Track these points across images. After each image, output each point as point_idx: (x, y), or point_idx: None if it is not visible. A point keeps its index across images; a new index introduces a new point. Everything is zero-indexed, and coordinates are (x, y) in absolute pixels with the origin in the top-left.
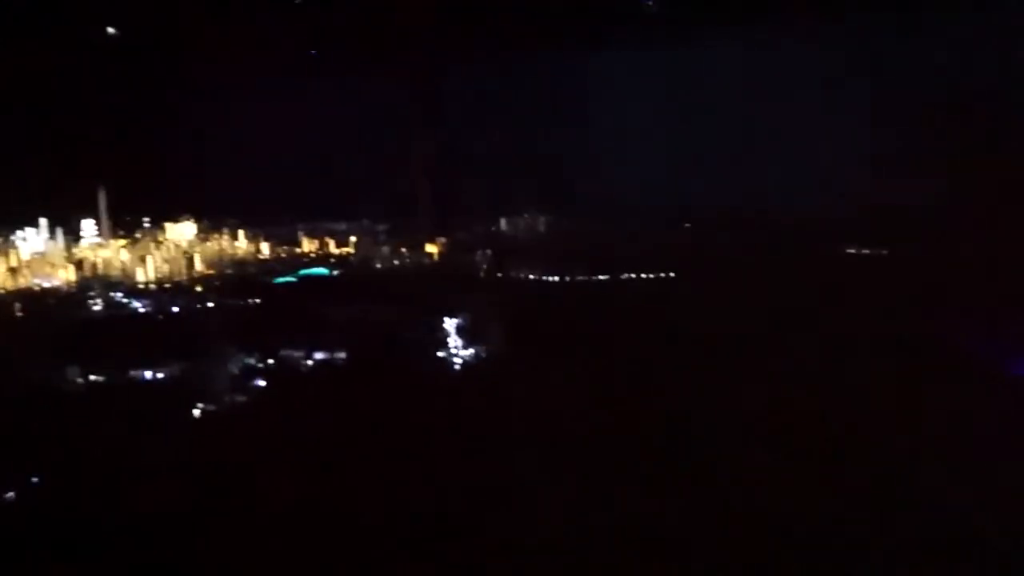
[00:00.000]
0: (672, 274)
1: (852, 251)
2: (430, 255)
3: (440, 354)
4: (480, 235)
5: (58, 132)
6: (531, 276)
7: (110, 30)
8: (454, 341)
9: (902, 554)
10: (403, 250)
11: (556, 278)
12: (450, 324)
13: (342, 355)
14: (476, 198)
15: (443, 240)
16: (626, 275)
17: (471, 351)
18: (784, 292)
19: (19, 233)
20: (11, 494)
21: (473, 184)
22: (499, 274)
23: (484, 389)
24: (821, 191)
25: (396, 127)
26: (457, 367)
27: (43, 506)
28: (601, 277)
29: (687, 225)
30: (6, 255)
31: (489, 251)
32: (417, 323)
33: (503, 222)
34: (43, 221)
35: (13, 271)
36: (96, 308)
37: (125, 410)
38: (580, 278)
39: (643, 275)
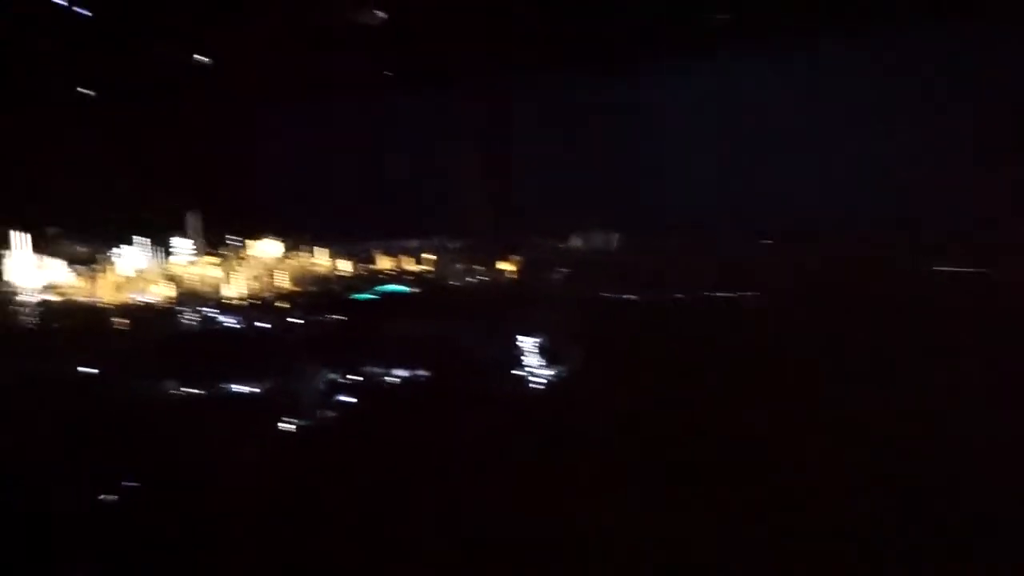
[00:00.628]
0: (757, 292)
1: (947, 268)
2: (504, 273)
3: (520, 373)
4: (553, 252)
5: (152, 152)
6: (607, 294)
7: (201, 58)
8: (534, 360)
9: None
10: (477, 268)
11: (634, 296)
12: (529, 343)
13: (424, 373)
14: (549, 215)
15: (516, 258)
16: (708, 293)
17: (552, 371)
18: (886, 313)
19: (115, 250)
20: (112, 497)
21: (546, 201)
22: (575, 292)
23: (570, 411)
24: (912, 204)
25: (469, 144)
26: (539, 387)
27: (139, 509)
28: (679, 296)
29: (767, 240)
30: (109, 271)
31: (564, 269)
32: (497, 341)
33: (575, 239)
34: (139, 238)
35: (116, 286)
36: (190, 323)
37: (220, 422)
38: (658, 297)
39: (725, 293)
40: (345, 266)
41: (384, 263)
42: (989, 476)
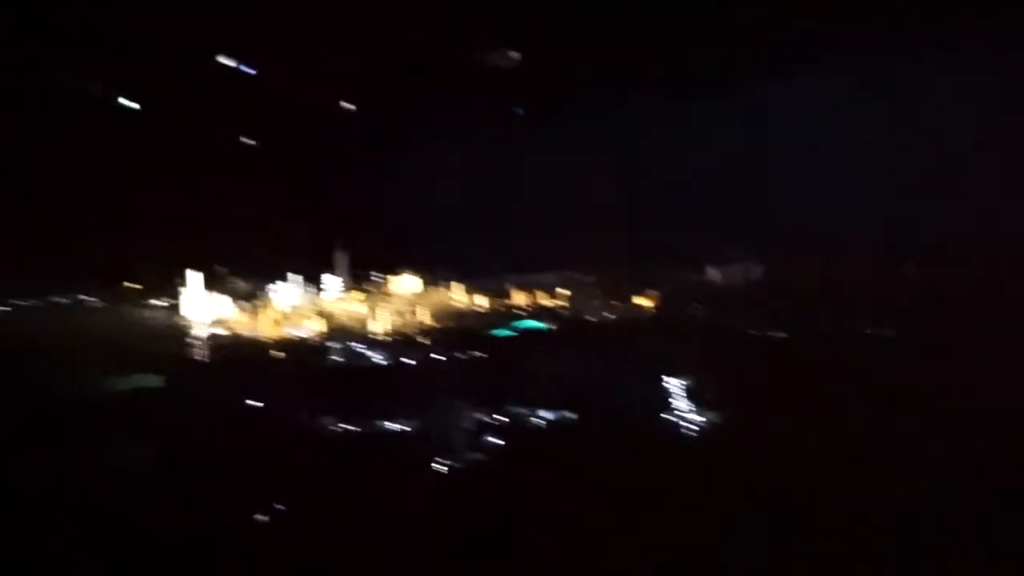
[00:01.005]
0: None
1: None
2: (641, 308)
3: (670, 418)
4: (691, 286)
5: (303, 195)
6: (753, 331)
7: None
8: (683, 404)
9: None
10: (614, 303)
11: (783, 334)
12: (676, 385)
13: (571, 415)
14: (684, 246)
15: (653, 292)
16: (863, 329)
17: (704, 416)
18: None
19: (271, 286)
20: (263, 518)
21: (681, 231)
22: (719, 329)
23: (727, 460)
24: None
25: (601, 178)
26: (691, 433)
27: (285, 532)
28: (831, 332)
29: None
30: (268, 306)
31: (703, 304)
32: (642, 382)
33: (713, 271)
34: (292, 275)
35: (275, 322)
36: (341, 358)
37: (377, 460)
38: (810, 332)
39: (881, 330)
40: (482, 301)
41: (519, 298)
42: None
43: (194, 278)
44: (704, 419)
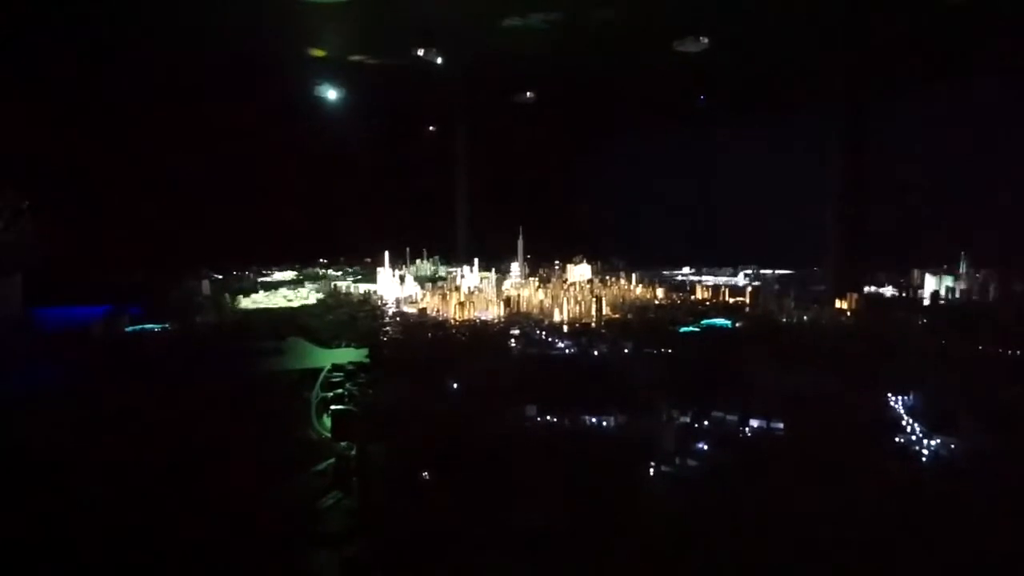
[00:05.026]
0: None
1: None
2: (844, 312)
3: (898, 441)
4: (900, 290)
5: (487, 183)
6: (981, 347)
7: (529, 95)
8: (911, 425)
9: None
10: (812, 304)
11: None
12: (902, 402)
13: (778, 425)
14: (894, 246)
15: (855, 295)
16: None
17: (939, 441)
18: None
19: (457, 271)
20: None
21: (890, 230)
22: (940, 343)
23: (972, 498)
24: None
25: (796, 167)
26: (924, 460)
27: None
28: None
29: None
30: (456, 291)
31: (915, 312)
32: (858, 396)
33: (926, 277)
34: (477, 260)
35: (461, 305)
36: (525, 344)
37: (587, 457)
38: None
39: None
40: (660, 294)
41: (700, 293)
42: None
43: (387, 259)
44: (938, 444)
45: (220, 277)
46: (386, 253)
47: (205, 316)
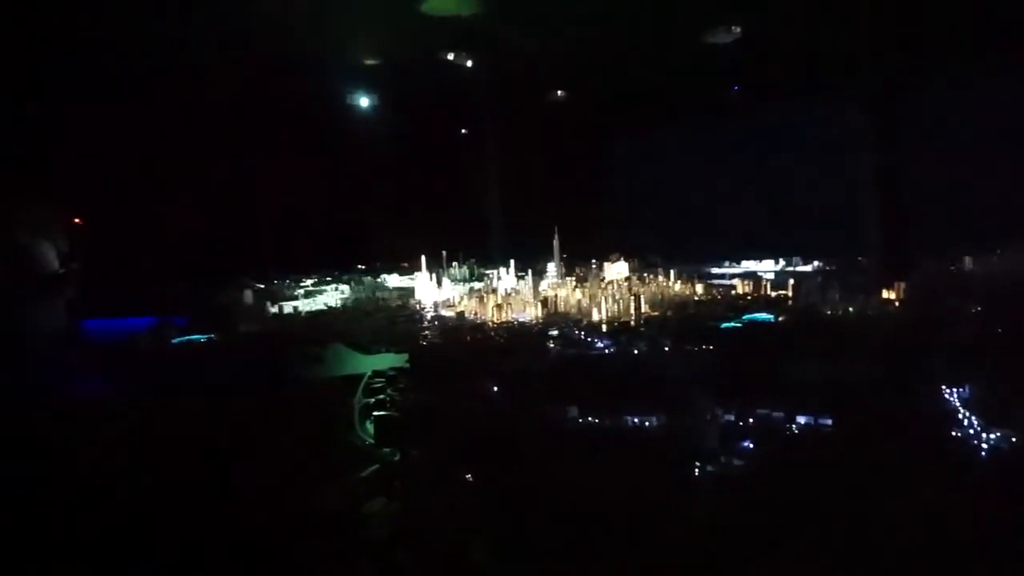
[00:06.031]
0: None
1: None
2: (890, 302)
3: (955, 435)
4: (945, 278)
5: (518, 180)
6: None
7: (560, 93)
8: (971, 420)
9: None
10: (858, 295)
11: None
12: (958, 394)
13: (826, 421)
14: (938, 233)
15: (901, 284)
16: None
17: (997, 435)
18: None
19: (493, 273)
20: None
21: (934, 216)
22: (992, 329)
23: None
24: None
25: (836, 154)
26: (983, 455)
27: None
28: None
29: None
30: (493, 293)
31: (966, 299)
32: (911, 388)
33: (969, 261)
34: (513, 262)
35: (498, 307)
36: (568, 346)
37: (628, 457)
38: None
39: None
40: (700, 290)
41: (740, 287)
42: None
43: (425, 264)
44: (997, 437)
45: (261, 286)
46: (423, 257)
47: (248, 326)
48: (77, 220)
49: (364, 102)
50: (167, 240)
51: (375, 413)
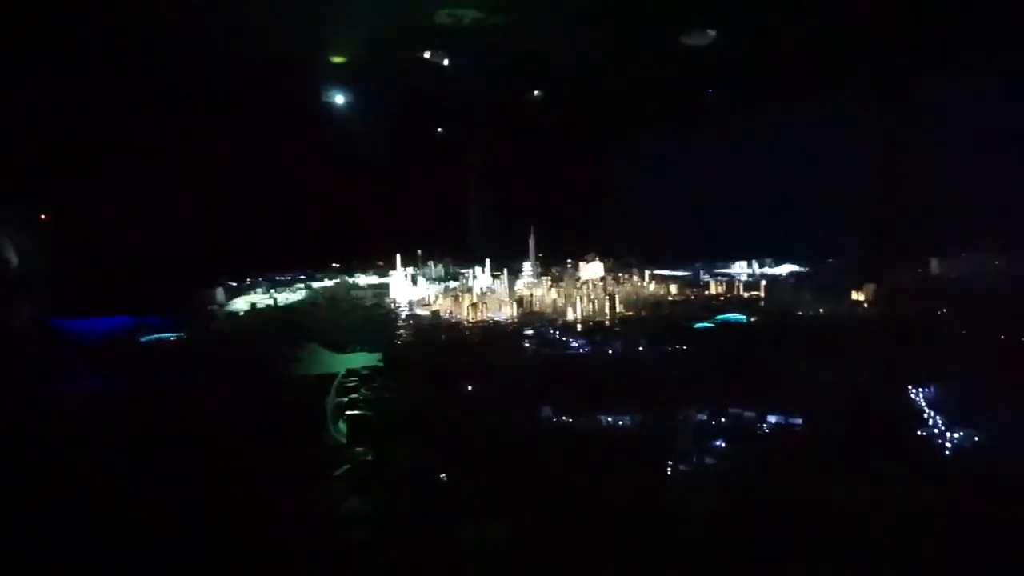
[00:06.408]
0: None
1: None
2: (860, 304)
3: (921, 433)
4: (913, 280)
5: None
6: (1004, 336)
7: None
8: (937, 419)
9: None
10: (828, 297)
11: None
12: (925, 395)
13: (797, 420)
14: (906, 236)
15: (871, 286)
16: None
17: (962, 434)
18: None
19: (469, 272)
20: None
21: (903, 219)
22: (962, 332)
23: (998, 490)
24: None
25: (808, 159)
26: (947, 453)
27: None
28: None
29: None
30: (469, 292)
31: (932, 300)
32: (880, 388)
33: (935, 264)
34: (489, 261)
35: (474, 306)
36: (544, 346)
37: (600, 456)
38: None
39: None
40: (674, 290)
41: (713, 288)
42: None
43: (400, 262)
44: (962, 436)
45: (235, 284)
46: (398, 256)
47: (220, 324)
48: (43, 217)
49: (343, 101)
50: (142, 239)
51: (348, 412)
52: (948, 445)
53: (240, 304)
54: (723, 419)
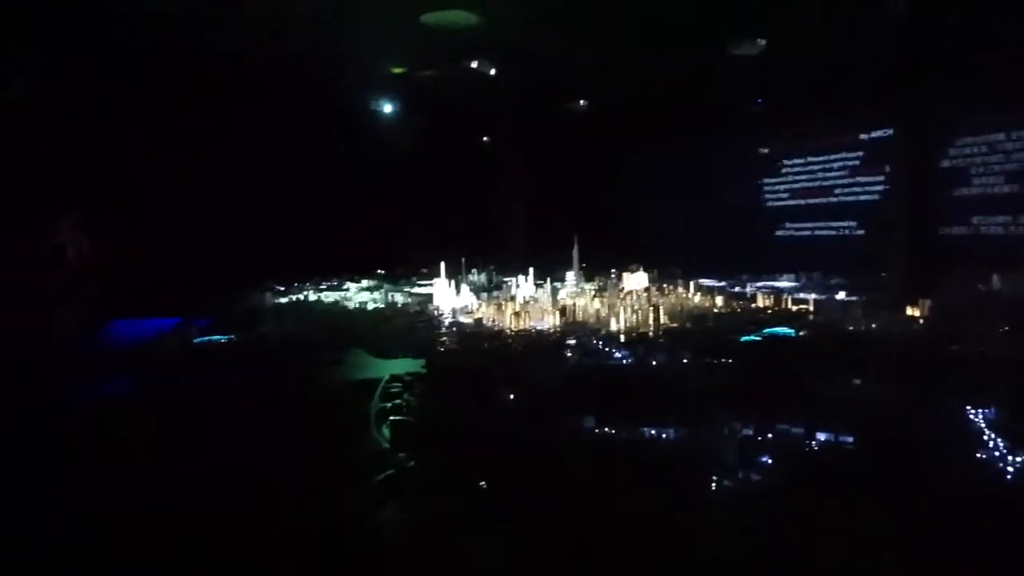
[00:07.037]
0: None
1: None
2: (914, 319)
3: (981, 456)
4: (973, 295)
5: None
6: None
7: (582, 102)
8: (994, 440)
9: None
10: (881, 312)
11: None
12: (985, 417)
13: (848, 439)
14: (965, 249)
15: (926, 301)
16: None
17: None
18: None
19: (512, 280)
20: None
21: (960, 232)
22: (1019, 349)
23: None
24: None
25: (858, 169)
26: (1008, 479)
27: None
28: None
29: None
30: (511, 301)
31: (994, 317)
32: (934, 408)
33: (996, 279)
34: (532, 270)
35: (516, 315)
36: (581, 355)
37: (642, 471)
38: None
39: None
40: (720, 302)
41: (760, 301)
42: None
43: (444, 270)
44: (1022, 459)
45: (283, 289)
46: (442, 263)
47: (268, 328)
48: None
49: (387, 110)
50: (191, 244)
51: (391, 418)
52: (1010, 469)
53: (286, 308)
54: (770, 435)
